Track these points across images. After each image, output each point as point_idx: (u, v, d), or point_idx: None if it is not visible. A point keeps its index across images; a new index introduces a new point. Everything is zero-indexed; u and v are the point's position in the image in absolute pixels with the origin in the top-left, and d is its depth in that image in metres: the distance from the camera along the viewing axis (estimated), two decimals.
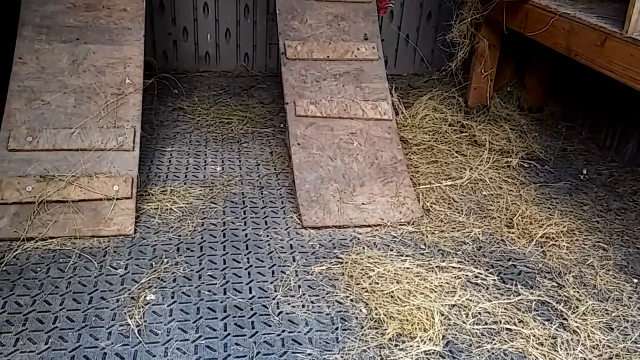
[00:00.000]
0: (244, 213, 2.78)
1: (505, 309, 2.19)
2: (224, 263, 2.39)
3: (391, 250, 2.53)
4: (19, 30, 2.93)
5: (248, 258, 2.43)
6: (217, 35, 4.78)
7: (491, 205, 2.96)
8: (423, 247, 2.57)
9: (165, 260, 2.37)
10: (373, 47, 3.42)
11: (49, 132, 2.69)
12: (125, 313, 2.04)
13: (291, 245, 2.55)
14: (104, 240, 2.46)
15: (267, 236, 2.60)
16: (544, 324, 2.12)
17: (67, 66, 2.91)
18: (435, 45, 4.89)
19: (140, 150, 2.81)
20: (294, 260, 2.43)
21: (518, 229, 2.72)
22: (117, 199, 2.57)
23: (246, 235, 2.60)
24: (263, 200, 2.92)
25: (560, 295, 2.30)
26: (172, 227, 2.60)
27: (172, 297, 2.15)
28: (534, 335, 2.05)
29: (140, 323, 2.00)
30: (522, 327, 2.09)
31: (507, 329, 2.08)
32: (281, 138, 3.71)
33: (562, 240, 2.65)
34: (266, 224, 2.71)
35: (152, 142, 3.48)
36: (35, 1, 3.01)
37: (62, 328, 1.96)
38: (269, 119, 3.99)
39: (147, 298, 2.13)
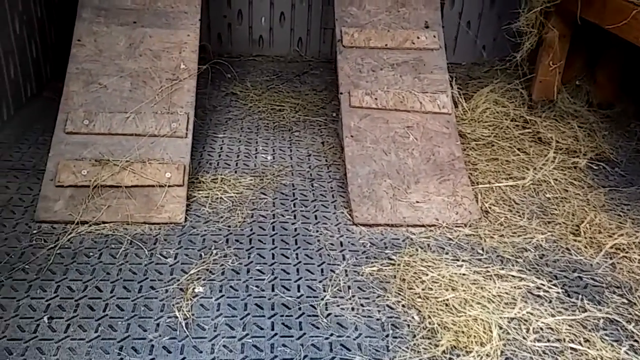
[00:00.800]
0: (294, 206, 2.72)
1: (569, 325, 2.04)
2: (273, 258, 2.34)
3: (446, 253, 2.41)
4: (78, 12, 2.95)
5: (297, 254, 2.37)
6: (272, 19, 4.70)
7: (556, 209, 2.77)
8: (480, 252, 2.44)
9: (214, 251, 2.34)
10: (434, 36, 3.25)
11: (105, 116, 2.70)
12: (173, 305, 2.03)
13: (341, 242, 2.47)
14: (155, 228, 2.46)
15: (317, 232, 2.53)
16: (612, 345, 1.97)
17: (124, 49, 2.91)
18: (499, 33, 4.63)
19: (193, 136, 2.78)
20: (343, 259, 2.35)
21: (585, 238, 2.53)
22: (169, 186, 2.56)
23: (295, 229, 2.54)
24: (313, 193, 2.85)
25: (630, 314, 2.13)
26: (221, 217, 2.57)
27: (220, 291, 2.12)
28: (601, 357, 1.90)
29: (188, 316, 1.98)
30: (589, 348, 1.94)
31: (571, 348, 1.94)
32: (333, 128, 3.61)
33: (634, 252, 2.45)
34: (316, 218, 2.64)
35: (205, 127, 3.47)
36: None
37: (111, 316, 1.96)
38: (321, 107, 3.90)
39: (196, 290, 2.10)
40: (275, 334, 1.94)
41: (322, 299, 2.11)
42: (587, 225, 2.59)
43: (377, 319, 2.03)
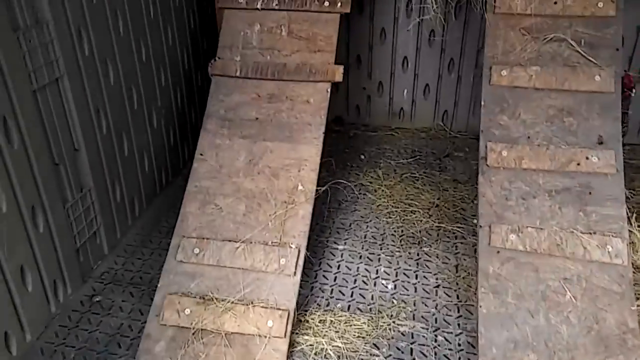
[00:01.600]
0: None
1: None
2: None
3: None
4: (203, 123, 2.87)
5: None
6: (415, 91, 4.30)
7: None
8: None
9: None
10: (609, 156, 2.57)
11: (216, 245, 2.56)
12: None
13: None
14: None
15: None
16: None
17: (243, 166, 2.76)
18: None
19: (311, 244, 2.54)
20: None
21: None
22: (269, 337, 2.33)
23: None
24: (436, 353, 2.40)
25: None
26: None
27: None
28: None
29: None
30: None
31: None
32: (472, 242, 3.10)
33: None
34: None
35: (325, 233, 3.20)
36: (222, 90, 2.92)
37: None
38: (460, 208, 3.40)
39: None
40: None
41: None
42: None
43: None
